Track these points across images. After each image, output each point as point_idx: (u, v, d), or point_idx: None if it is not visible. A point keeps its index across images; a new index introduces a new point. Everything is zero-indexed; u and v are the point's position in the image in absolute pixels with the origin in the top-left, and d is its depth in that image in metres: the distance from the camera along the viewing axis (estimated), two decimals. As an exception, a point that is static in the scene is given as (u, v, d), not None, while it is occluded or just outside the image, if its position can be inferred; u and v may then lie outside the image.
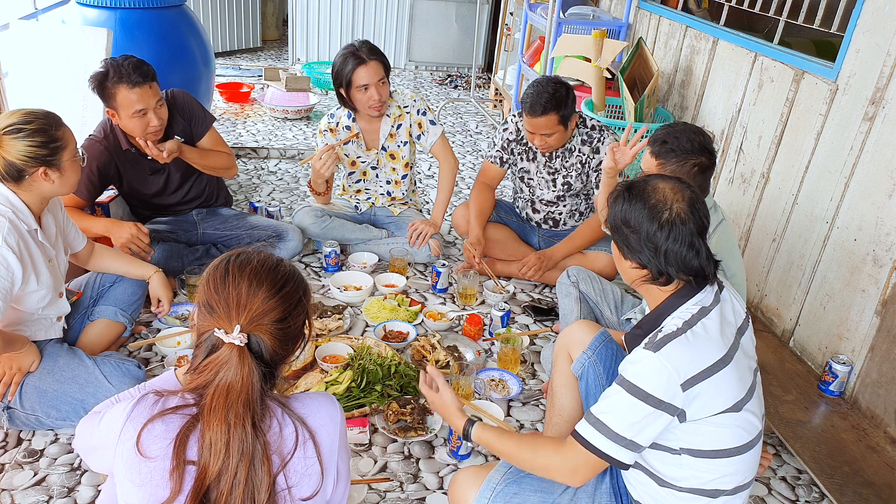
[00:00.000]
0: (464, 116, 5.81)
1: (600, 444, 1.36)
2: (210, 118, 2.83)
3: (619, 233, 1.46)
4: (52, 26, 3.64)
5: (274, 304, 1.16)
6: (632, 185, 1.46)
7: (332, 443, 1.21)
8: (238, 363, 1.12)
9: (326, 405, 1.24)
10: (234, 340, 1.12)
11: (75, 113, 2.98)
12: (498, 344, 2.56)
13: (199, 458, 1.10)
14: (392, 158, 3.11)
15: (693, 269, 1.40)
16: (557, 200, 3.00)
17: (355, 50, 2.78)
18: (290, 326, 1.18)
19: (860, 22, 2.42)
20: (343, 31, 6.96)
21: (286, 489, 1.14)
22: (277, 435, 1.16)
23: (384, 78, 2.83)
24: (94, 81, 2.44)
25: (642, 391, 1.32)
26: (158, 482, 1.10)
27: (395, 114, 3.01)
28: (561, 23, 4.37)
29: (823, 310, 2.55)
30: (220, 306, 1.16)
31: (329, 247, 2.98)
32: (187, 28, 4.09)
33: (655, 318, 1.44)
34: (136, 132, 2.51)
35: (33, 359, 1.94)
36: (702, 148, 1.98)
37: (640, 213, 1.41)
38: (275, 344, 1.16)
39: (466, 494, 1.53)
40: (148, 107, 2.46)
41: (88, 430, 1.30)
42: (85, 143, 2.58)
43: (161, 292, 2.40)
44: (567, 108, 2.62)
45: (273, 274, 1.19)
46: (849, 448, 2.15)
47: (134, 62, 2.43)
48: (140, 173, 2.70)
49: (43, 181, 1.84)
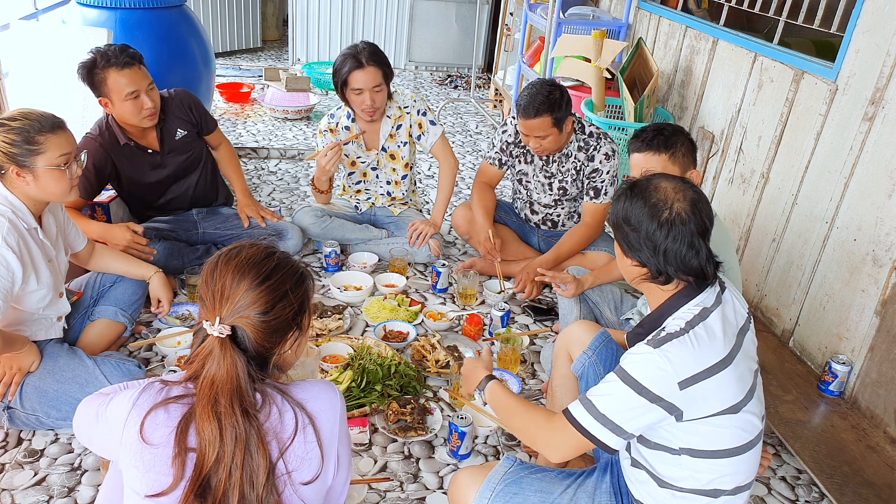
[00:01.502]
0: (464, 116, 5.81)
1: (587, 423, 1.37)
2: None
3: (619, 230, 1.46)
4: (52, 26, 3.65)
5: (256, 296, 1.16)
6: (635, 184, 1.47)
7: (332, 428, 1.22)
8: (220, 354, 1.14)
9: (326, 391, 1.26)
10: (213, 332, 1.14)
11: (75, 113, 2.98)
12: (498, 344, 2.56)
13: (198, 446, 1.13)
14: (392, 159, 3.11)
15: (692, 269, 1.40)
16: (555, 203, 3.00)
17: (357, 52, 2.77)
18: (275, 318, 1.18)
19: (860, 22, 2.42)
20: (343, 31, 6.96)
21: (286, 474, 1.16)
22: (277, 421, 1.17)
23: (381, 85, 2.81)
24: (83, 71, 2.44)
25: (638, 384, 1.33)
26: (161, 469, 1.12)
27: (396, 114, 3.01)
28: (561, 23, 4.37)
29: (823, 310, 2.56)
30: (208, 298, 1.18)
31: (329, 247, 2.98)
32: (187, 28, 4.09)
33: (657, 318, 1.44)
34: (131, 117, 2.52)
35: (33, 359, 1.94)
36: (676, 128, 2.07)
37: (640, 212, 1.41)
38: (258, 336, 1.17)
39: (466, 494, 1.53)
40: (140, 88, 2.47)
41: (93, 410, 1.29)
42: (81, 141, 2.57)
43: (161, 292, 2.40)
44: (561, 111, 2.62)
45: (258, 266, 1.19)
46: (848, 448, 2.15)
47: (119, 46, 2.45)
48: (139, 168, 2.70)
49: (18, 180, 1.82)
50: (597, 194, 2.81)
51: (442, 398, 2.29)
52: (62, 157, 1.84)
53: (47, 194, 1.88)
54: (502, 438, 2.13)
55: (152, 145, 2.71)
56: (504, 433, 2.14)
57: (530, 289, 2.82)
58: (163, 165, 2.75)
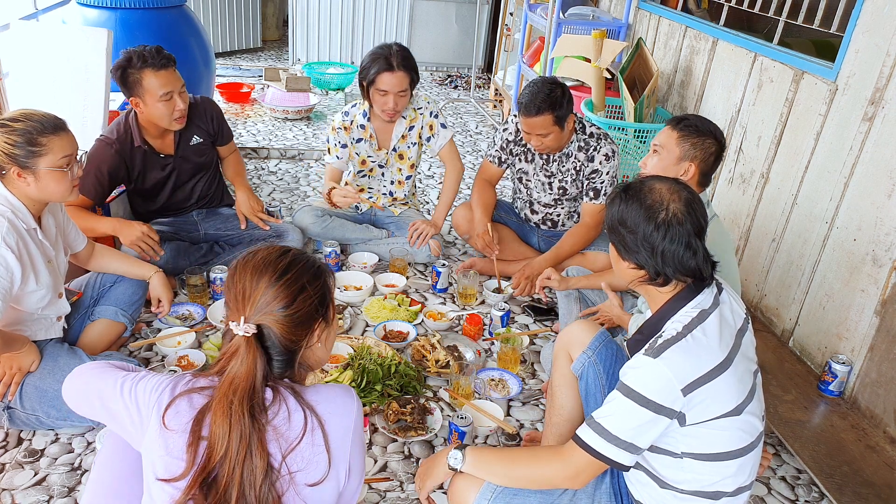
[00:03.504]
0: (464, 116, 5.81)
1: (600, 447, 1.36)
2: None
3: (616, 233, 1.46)
4: (52, 26, 3.65)
5: (276, 291, 1.20)
6: (628, 186, 1.46)
7: (343, 433, 1.24)
8: (245, 353, 1.19)
9: (342, 395, 1.28)
10: (239, 332, 1.19)
11: (76, 113, 2.97)
12: (498, 344, 2.56)
13: (210, 438, 1.16)
14: (400, 159, 3.13)
15: (690, 270, 1.40)
16: (555, 203, 3.00)
17: (389, 54, 2.77)
18: (297, 311, 1.22)
19: (860, 22, 2.42)
20: (343, 31, 6.96)
21: (288, 474, 1.18)
22: (285, 420, 1.19)
23: (407, 90, 2.83)
24: (117, 71, 2.47)
25: (642, 396, 1.32)
26: (178, 454, 1.17)
27: (410, 116, 3.03)
28: (561, 23, 4.37)
29: (823, 310, 2.56)
30: (231, 301, 1.23)
31: (329, 247, 2.98)
32: (187, 28, 4.09)
33: (657, 323, 1.44)
34: (162, 118, 2.55)
35: (33, 359, 1.94)
36: (718, 134, 2.01)
37: (636, 214, 1.41)
38: (284, 330, 1.21)
39: (467, 495, 1.53)
40: (174, 89, 2.51)
41: (111, 381, 1.30)
42: (95, 145, 2.59)
43: (161, 292, 2.40)
44: (562, 109, 2.62)
45: (274, 264, 1.23)
46: (848, 448, 2.15)
47: (155, 48, 2.48)
48: (151, 170, 2.72)
49: (19, 181, 1.82)
50: (596, 195, 2.82)
51: (442, 398, 2.29)
52: (64, 158, 1.84)
53: (48, 195, 1.88)
54: (502, 438, 2.13)
55: (167, 149, 2.73)
56: (504, 433, 2.14)
57: (524, 286, 2.82)
58: (172, 168, 2.77)
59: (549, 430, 1.87)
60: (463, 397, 2.22)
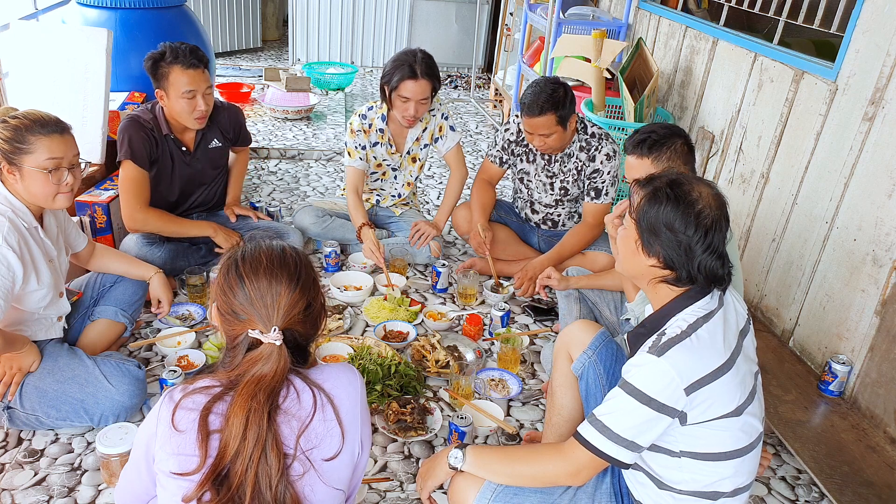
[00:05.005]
0: (464, 116, 5.81)
1: (601, 444, 1.36)
2: None
3: (653, 231, 1.40)
4: (52, 26, 3.64)
5: (297, 296, 1.23)
6: (674, 184, 1.41)
7: (352, 406, 1.28)
8: (277, 357, 1.21)
9: (345, 371, 1.32)
10: (273, 341, 1.20)
11: (75, 113, 2.97)
12: (498, 344, 2.56)
13: (223, 433, 1.17)
14: (413, 161, 3.14)
15: (718, 277, 1.40)
16: (556, 204, 3.00)
17: (413, 62, 2.75)
18: (313, 308, 1.27)
19: (860, 22, 2.42)
20: (343, 31, 6.96)
21: (303, 452, 1.21)
22: (295, 402, 1.22)
23: (428, 98, 2.83)
24: (150, 61, 2.52)
25: (645, 395, 1.32)
26: (189, 451, 1.18)
27: (425, 118, 3.04)
28: (561, 23, 4.37)
29: (823, 310, 2.56)
30: (248, 312, 1.21)
31: (329, 247, 2.98)
32: (187, 28, 4.08)
33: (660, 318, 1.43)
34: (182, 114, 2.59)
35: (33, 359, 1.94)
36: (675, 130, 2.03)
37: (684, 217, 1.37)
38: (306, 328, 1.26)
39: (467, 495, 1.53)
40: (198, 89, 2.55)
41: (135, 461, 1.31)
42: (126, 120, 2.61)
43: (161, 293, 2.40)
44: (565, 109, 2.62)
45: (286, 267, 1.24)
46: (848, 448, 2.15)
47: (190, 47, 2.54)
48: (174, 161, 2.74)
49: (10, 177, 1.84)
50: (597, 195, 2.81)
51: (442, 398, 2.29)
52: (49, 160, 1.82)
53: (30, 195, 1.86)
54: (502, 439, 2.13)
55: (188, 144, 2.76)
56: (504, 433, 2.14)
57: (527, 286, 2.82)
58: (190, 166, 2.79)
59: (550, 430, 1.87)
60: (463, 397, 2.22)
